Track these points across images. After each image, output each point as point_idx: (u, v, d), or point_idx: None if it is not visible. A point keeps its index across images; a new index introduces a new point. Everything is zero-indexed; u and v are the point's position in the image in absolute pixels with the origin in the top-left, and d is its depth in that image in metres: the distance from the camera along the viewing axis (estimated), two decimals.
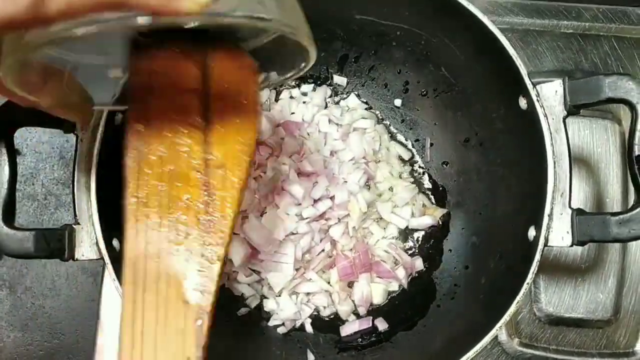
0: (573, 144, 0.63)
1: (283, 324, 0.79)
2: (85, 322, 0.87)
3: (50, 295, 0.89)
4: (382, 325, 0.78)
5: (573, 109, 0.61)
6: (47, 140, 0.93)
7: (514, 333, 0.81)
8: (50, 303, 0.89)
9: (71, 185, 0.64)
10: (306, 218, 0.78)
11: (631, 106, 0.58)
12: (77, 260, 0.62)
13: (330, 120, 0.85)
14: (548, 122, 0.62)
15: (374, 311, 0.81)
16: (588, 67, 0.88)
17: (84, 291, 0.89)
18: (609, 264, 0.82)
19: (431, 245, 0.84)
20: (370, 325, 0.78)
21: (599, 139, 0.85)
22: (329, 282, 0.80)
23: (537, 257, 0.61)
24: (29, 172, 0.92)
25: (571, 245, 0.60)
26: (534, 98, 0.62)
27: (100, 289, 0.84)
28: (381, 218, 0.83)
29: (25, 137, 0.93)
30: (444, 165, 0.86)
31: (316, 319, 0.81)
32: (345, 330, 0.78)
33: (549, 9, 0.90)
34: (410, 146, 0.87)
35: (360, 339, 0.77)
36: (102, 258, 0.62)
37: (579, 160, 0.84)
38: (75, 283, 0.89)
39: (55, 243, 0.61)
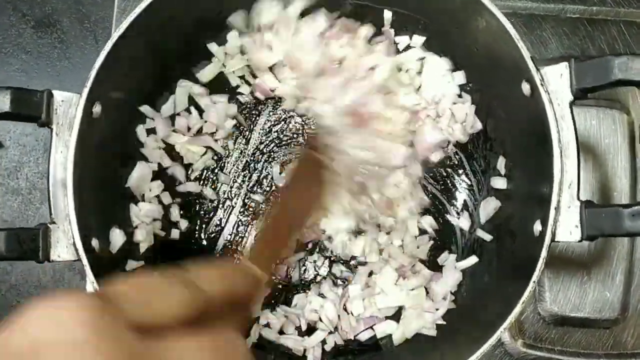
0: (579, 134, 0.60)
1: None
2: None
3: (36, 294, 0.87)
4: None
5: (580, 93, 0.58)
6: (32, 133, 0.90)
7: (518, 334, 0.78)
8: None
9: (46, 182, 0.60)
10: None
11: None
12: (52, 261, 0.59)
13: None
14: (553, 108, 0.58)
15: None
16: (595, 54, 0.84)
17: (71, 288, 0.86)
18: (616, 260, 0.80)
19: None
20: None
21: (607, 130, 0.81)
22: None
23: (544, 253, 0.57)
24: (13, 166, 0.89)
25: (580, 240, 0.57)
26: (538, 82, 0.59)
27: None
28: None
29: (9, 129, 0.89)
30: None
31: None
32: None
33: None
34: None
35: (356, 343, 0.75)
36: (79, 259, 0.59)
37: (585, 152, 0.81)
38: (62, 280, 0.87)
39: (29, 244, 0.57)
